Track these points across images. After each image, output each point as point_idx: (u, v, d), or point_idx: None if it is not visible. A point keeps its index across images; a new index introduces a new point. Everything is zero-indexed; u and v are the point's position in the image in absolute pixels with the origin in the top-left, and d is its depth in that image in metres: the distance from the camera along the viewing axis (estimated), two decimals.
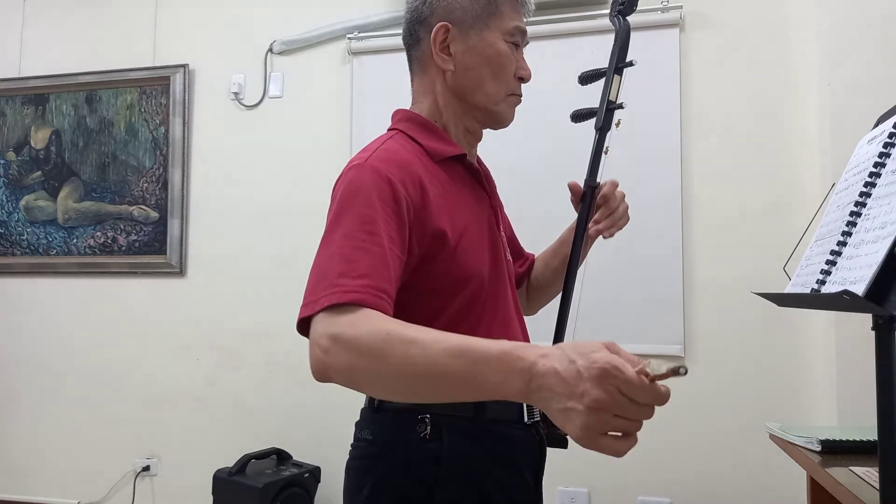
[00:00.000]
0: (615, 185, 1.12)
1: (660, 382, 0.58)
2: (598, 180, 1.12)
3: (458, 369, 0.67)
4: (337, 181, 0.89)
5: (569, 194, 1.15)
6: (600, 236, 1.12)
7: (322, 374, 0.75)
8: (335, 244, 0.81)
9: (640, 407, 0.59)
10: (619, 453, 0.60)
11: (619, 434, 0.60)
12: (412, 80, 1.05)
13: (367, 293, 0.76)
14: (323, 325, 0.75)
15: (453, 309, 0.91)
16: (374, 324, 0.73)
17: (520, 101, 1.04)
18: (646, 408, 0.59)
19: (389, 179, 0.85)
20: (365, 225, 0.81)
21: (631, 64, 1.13)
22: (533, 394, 0.63)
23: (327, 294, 0.76)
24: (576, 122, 1.16)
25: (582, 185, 1.13)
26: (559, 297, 1.13)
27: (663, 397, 0.59)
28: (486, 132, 1.07)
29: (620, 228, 1.14)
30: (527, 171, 2.41)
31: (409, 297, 0.88)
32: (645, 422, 0.60)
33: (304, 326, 0.78)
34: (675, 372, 0.57)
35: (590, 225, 1.11)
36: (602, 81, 1.14)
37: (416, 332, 0.71)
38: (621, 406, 0.58)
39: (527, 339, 1.04)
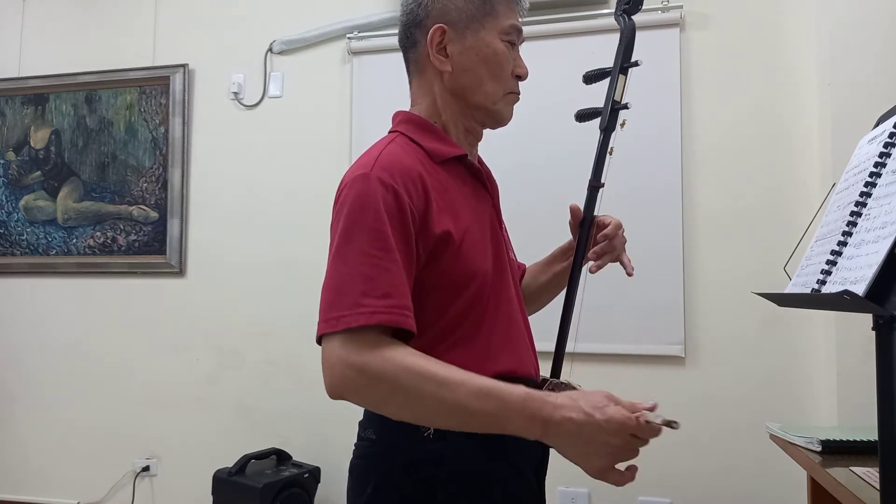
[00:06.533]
0: (619, 226, 1.13)
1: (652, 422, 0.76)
2: (602, 181, 1.11)
3: (485, 411, 0.78)
4: (341, 189, 0.89)
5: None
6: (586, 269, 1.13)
7: (339, 396, 0.79)
8: (352, 261, 0.82)
9: (641, 441, 0.77)
10: (622, 484, 0.77)
11: (624, 469, 0.78)
12: (410, 82, 1.05)
13: (394, 313, 0.80)
14: (346, 349, 0.78)
15: (457, 306, 0.91)
16: (401, 359, 0.78)
17: (518, 99, 1.04)
18: (643, 441, 0.77)
19: (395, 190, 0.85)
20: (378, 241, 0.82)
21: (636, 64, 1.12)
22: (549, 438, 0.78)
23: (353, 313, 0.79)
24: (580, 122, 1.15)
25: (586, 185, 1.12)
26: (563, 297, 1.12)
27: (657, 433, 0.77)
28: (489, 131, 1.06)
29: (613, 261, 1.15)
30: (530, 171, 2.40)
31: (414, 296, 0.88)
32: None
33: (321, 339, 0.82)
34: (668, 424, 0.74)
35: (589, 254, 1.12)
36: (606, 81, 1.14)
37: (445, 371, 0.79)
38: (632, 446, 0.76)
39: (530, 337, 1.04)
